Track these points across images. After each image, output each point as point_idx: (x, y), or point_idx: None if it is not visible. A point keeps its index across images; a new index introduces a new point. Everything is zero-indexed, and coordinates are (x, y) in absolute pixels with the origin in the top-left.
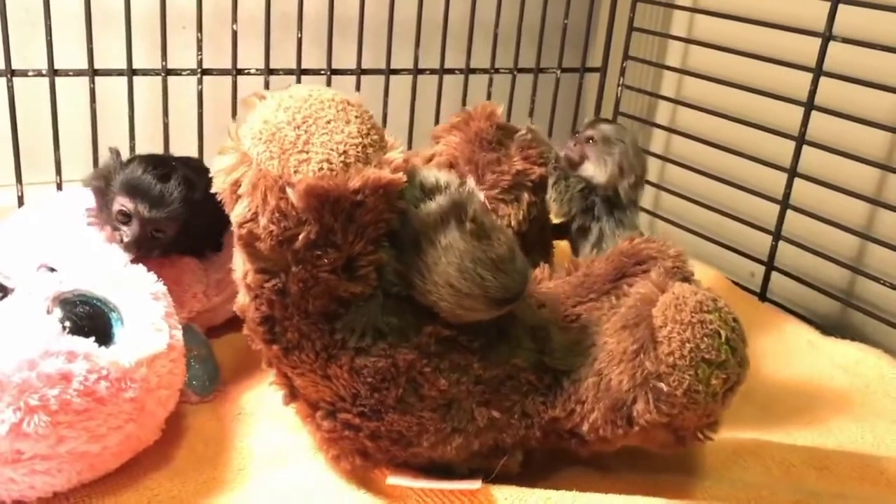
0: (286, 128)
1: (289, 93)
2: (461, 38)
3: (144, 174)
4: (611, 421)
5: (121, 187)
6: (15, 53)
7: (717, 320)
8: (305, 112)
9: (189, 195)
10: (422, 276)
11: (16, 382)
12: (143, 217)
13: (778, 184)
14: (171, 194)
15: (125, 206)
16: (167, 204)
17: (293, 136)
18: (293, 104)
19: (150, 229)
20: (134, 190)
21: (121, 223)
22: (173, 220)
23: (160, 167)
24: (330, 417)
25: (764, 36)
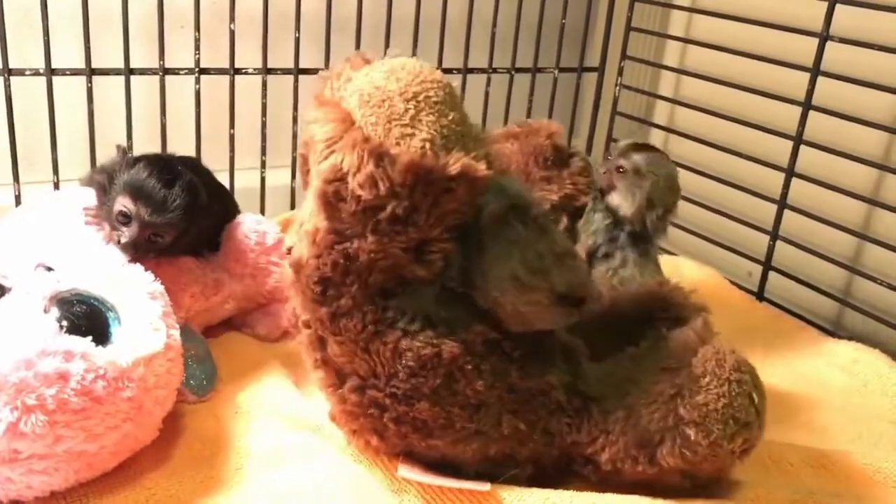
0: (396, 98)
1: (401, 63)
2: (459, 37)
3: (149, 177)
4: (632, 457)
5: (124, 188)
6: (12, 52)
7: (749, 382)
8: (416, 87)
9: (192, 203)
10: (484, 274)
11: (13, 382)
12: (143, 220)
13: (775, 183)
14: (174, 201)
15: (126, 207)
16: (169, 210)
17: (402, 108)
18: (405, 77)
19: (148, 233)
20: (137, 192)
21: (120, 223)
22: (173, 226)
23: (166, 171)
24: (358, 392)
25: (762, 36)
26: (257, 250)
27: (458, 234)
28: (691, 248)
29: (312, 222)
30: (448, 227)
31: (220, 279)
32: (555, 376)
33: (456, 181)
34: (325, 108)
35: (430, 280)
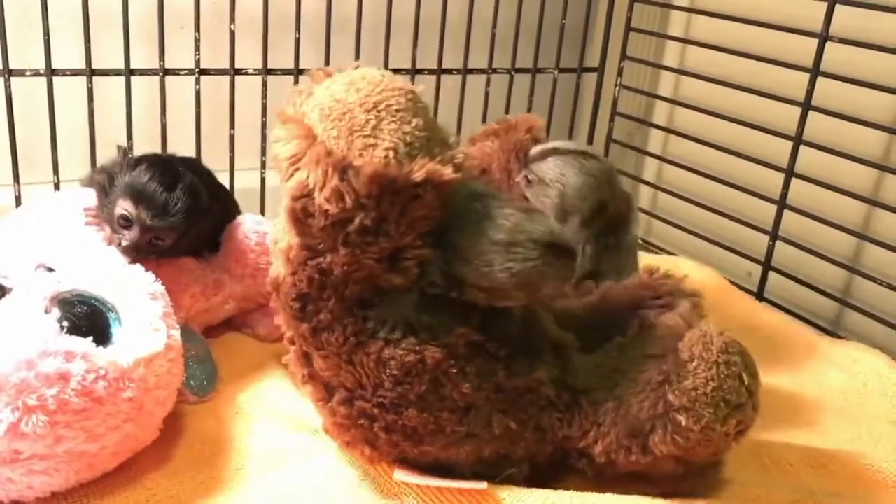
0: (357, 109)
1: (360, 74)
2: (459, 37)
3: (151, 181)
4: (625, 447)
5: (125, 191)
6: (12, 53)
7: (739, 363)
8: (377, 97)
9: (193, 205)
10: (468, 262)
11: (14, 382)
12: (144, 224)
13: (775, 184)
14: (175, 204)
15: (127, 210)
16: (170, 214)
17: (363, 119)
18: (365, 87)
19: (149, 237)
20: (138, 196)
21: (121, 227)
22: (174, 229)
23: (167, 174)
24: (347, 404)
25: (761, 36)
26: (257, 251)
27: (434, 239)
28: (691, 248)
29: (285, 240)
30: (420, 233)
31: (221, 280)
32: (543, 372)
33: (423, 187)
34: (288, 125)
35: (407, 287)
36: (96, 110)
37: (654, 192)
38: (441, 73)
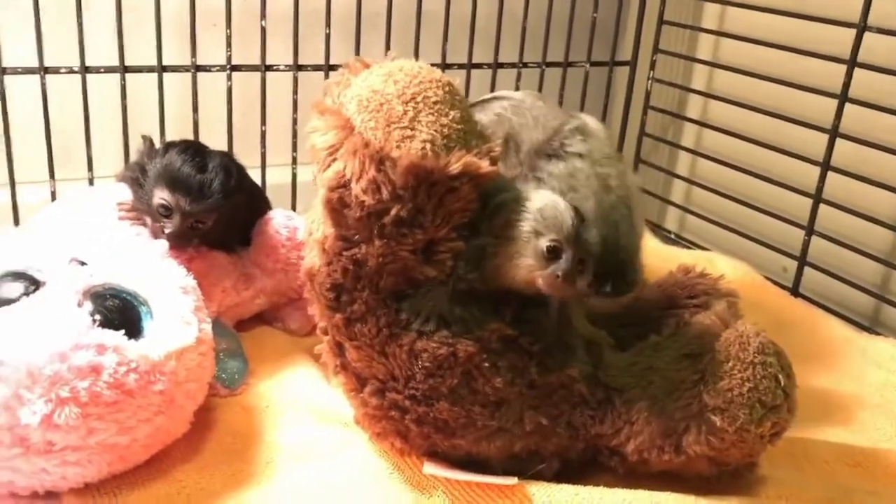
0: (395, 101)
1: (398, 65)
2: (489, 32)
3: (183, 166)
4: (658, 446)
5: (159, 180)
6: (47, 51)
7: (776, 364)
8: (415, 89)
9: (227, 184)
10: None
11: (47, 374)
12: (183, 210)
13: (811, 177)
14: (210, 185)
15: (166, 199)
16: (207, 196)
17: (400, 111)
18: (403, 78)
19: (191, 221)
20: (174, 183)
21: (162, 216)
22: (213, 210)
23: (197, 156)
24: (378, 395)
25: (797, 27)
26: (288, 245)
27: (468, 232)
28: (725, 243)
29: (321, 230)
30: (455, 226)
31: (252, 274)
32: (576, 369)
33: (459, 180)
34: (325, 116)
35: (441, 280)
36: (129, 107)
37: (687, 186)
38: (471, 67)
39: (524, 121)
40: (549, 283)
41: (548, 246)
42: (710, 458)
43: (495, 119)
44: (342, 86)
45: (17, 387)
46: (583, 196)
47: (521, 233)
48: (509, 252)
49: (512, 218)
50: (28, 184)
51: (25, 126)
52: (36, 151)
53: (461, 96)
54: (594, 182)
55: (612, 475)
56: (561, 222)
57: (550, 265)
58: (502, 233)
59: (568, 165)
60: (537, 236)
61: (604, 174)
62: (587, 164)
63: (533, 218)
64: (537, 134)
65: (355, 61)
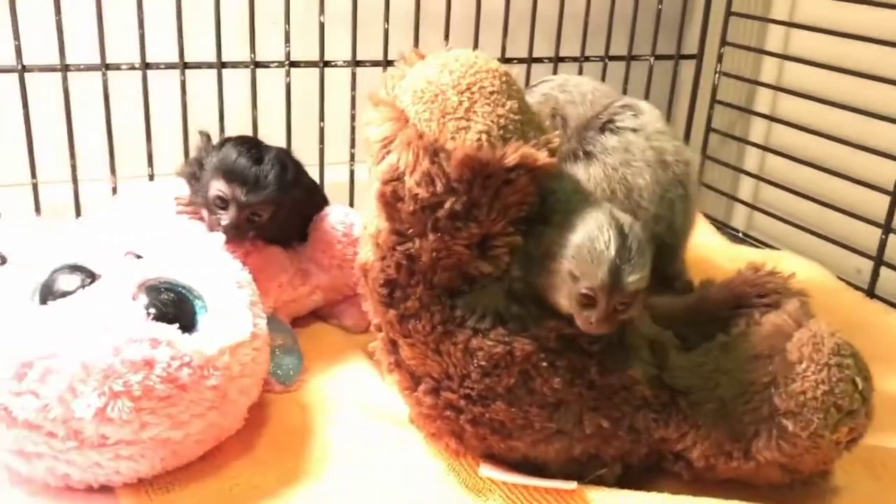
0: (450, 91)
1: (454, 56)
2: (550, 26)
3: (239, 158)
4: (726, 452)
5: (216, 172)
6: (108, 48)
7: (853, 367)
8: (470, 79)
9: (283, 176)
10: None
11: (101, 368)
12: (240, 201)
13: (887, 173)
14: (265, 177)
15: (222, 191)
16: (263, 187)
17: (455, 101)
18: (458, 68)
19: (247, 213)
20: (230, 174)
21: (218, 208)
22: (269, 202)
23: (253, 149)
24: (433, 394)
25: (871, 17)
26: (344, 242)
27: (527, 227)
28: (796, 243)
29: (375, 224)
30: (512, 219)
31: (308, 270)
32: (638, 370)
33: (515, 172)
34: (379, 108)
35: (497, 276)
36: (189, 103)
37: (756, 183)
38: (532, 61)
39: (570, 98)
40: (585, 326)
41: (582, 293)
42: (781, 465)
43: (542, 99)
44: (397, 77)
45: (72, 379)
46: (638, 170)
47: (559, 270)
48: (550, 282)
49: (553, 250)
50: (90, 181)
51: (87, 122)
52: (98, 148)
53: (518, 87)
54: (650, 155)
55: (677, 481)
56: (597, 268)
57: (585, 310)
58: (544, 262)
59: (622, 139)
60: (573, 280)
61: (659, 148)
62: (641, 138)
63: (571, 255)
64: (584, 109)
65: (411, 52)
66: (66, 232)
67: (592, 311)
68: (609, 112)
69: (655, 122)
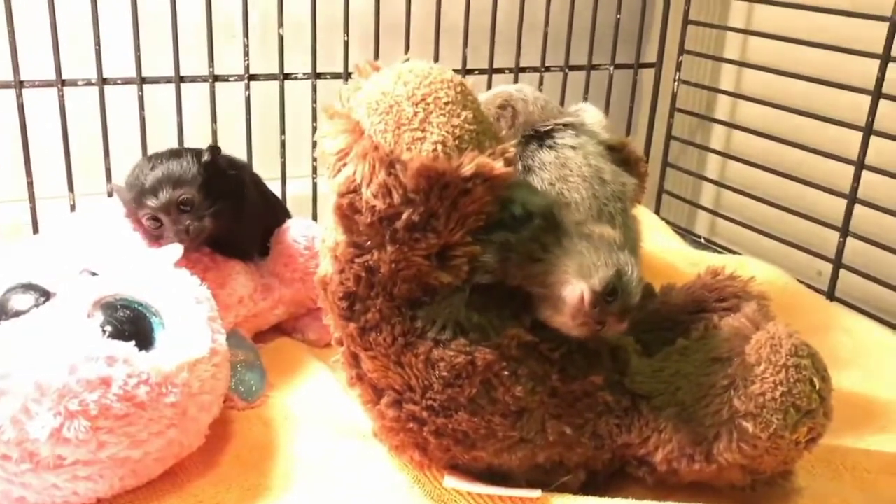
0: (405, 102)
1: (408, 67)
2: (510, 37)
3: (136, 178)
4: (688, 455)
5: (135, 203)
6: (64, 63)
7: (810, 367)
8: (425, 90)
9: (183, 160)
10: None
11: (56, 387)
12: (159, 206)
13: (845, 177)
14: (164, 174)
15: (144, 213)
16: (167, 181)
17: (410, 112)
18: (413, 79)
19: (175, 209)
20: (139, 197)
21: (156, 228)
22: (183, 185)
23: (160, 157)
24: (395, 406)
25: (827, 23)
26: (307, 255)
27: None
28: (757, 247)
29: (333, 237)
30: (471, 229)
31: (270, 284)
32: (600, 376)
33: (472, 181)
34: (335, 120)
35: (457, 286)
36: (147, 118)
37: (717, 189)
38: (493, 72)
39: (523, 95)
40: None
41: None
42: (742, 466)
43: (495, 93)
44: (352, 89)
45: (25, 400)
46: (575, 185)
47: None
48: (541, 294)
49: (548, 267)
50: (48, 199)
51: (43, 139)
52: (54, 165)
53: (474, 97)
54: (587, 171)
55: (642, 486)
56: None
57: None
58: (533, 276)
59: (560, 155)
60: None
61: (597, 167)
62: (580, 156)
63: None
64: (534, 109)
65: (366, 64)
66: (19, 249)
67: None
68: (551, 126)
69: (595, 144)
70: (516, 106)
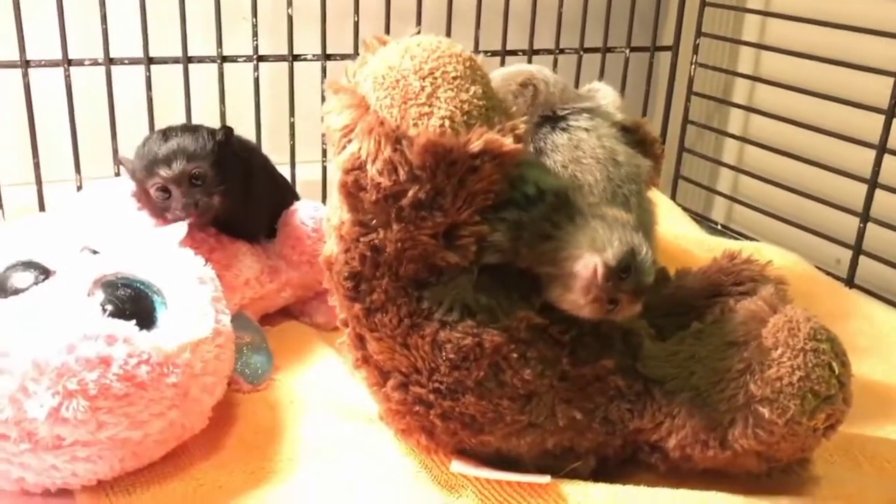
0: (411, 76)
1: (416, 40)
2: (524, 18)
3: (147, 148)
4: (702, 441)
5: (144, 173)
6: (71, 43)
7: (829, 351)
8: (433, 64)
9: (197, 135)
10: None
11: (54, 366)
12: (171, 177)
13: (865, 162)
14: (178, 145)
15: (154, 183)
16: (182, 152)
17: (417, 87)
18: (420, 53)
19: (186, 182)
20: (150, 166)
21: (164, 200)
22: (197, 159)
23: (172, 131)
24: (401, 389)
25: (848, 5)
26: (314, 237)
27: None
28: (775, 234)
29: (338, 216)
30: (479, 208)
31: (277, 266)
32: (612, 360)
33: (480, 158)
34: (340, 95)
35: (464, 267)
36: (155, 99)
37: (734, 174)
38: (506, 54)
39: (545, 77)
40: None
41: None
42: (758, 453)
43: (513, 72)
44: (358, 65)
45: (23, 379)
46: (588, 167)
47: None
48: (552, 273)
49: (560, 244)
50: (55, 182)
51: (50, 121)
52: (61, 146)
53: (483, 72)
54: (601, 153)
55: (654, 473)
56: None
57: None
58: (544, 254)
59: (572, 137)
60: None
61: (611, 149)
62: (593, 138)
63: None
64: (555, 91)
65: (372, 39)
66: (20, 228)
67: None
68: (569, 109)
69: (609, 126)
70: (538, 86)
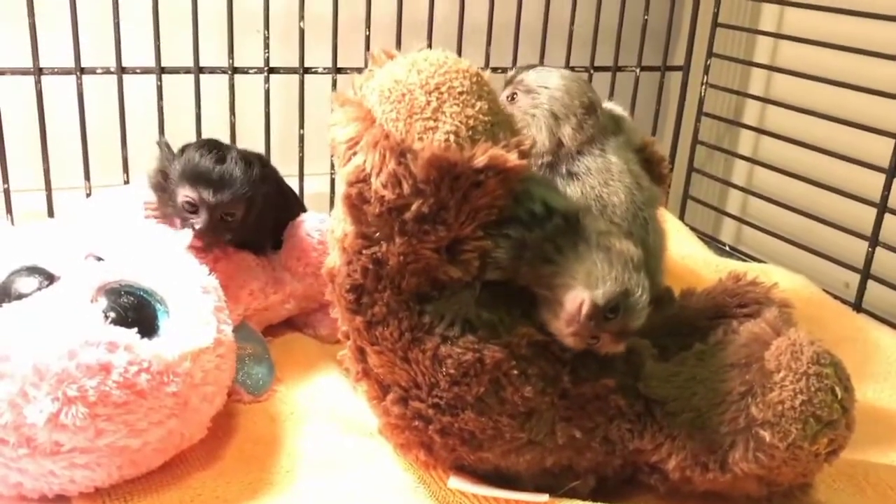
0: (417, 91)
1: (423, 55)
2: (534, 35)
3: (202, 160)
4: (702, 463)
5: (181, 178)
6: (84, 52)
7: (832, 376)
8: (439, 78)
9: (249, 172)
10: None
11: (55, 372)
12: (209, 203)
13: (874, 186)
14: (230, 175)
15: (189, 196)
16: (230, 185)
17: (423, 101)
18: (427, 68)
19: (219, 213)
20: (196, 178)
21: (189, 213)
22: (239, 200)
23: (214, 150)
24: (401, 403)
25: (860, 27)
26: (320, 249)
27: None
28: (782, 256)
29: (341, 228)
30: (482, 223)
31: (282, 278)
32: (613, 379)
33: (484, 173)
34: (345, 108)
35: (467, 281)
36: (166, 109)
37: (744, 196)
38: None
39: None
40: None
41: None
42: (759, 477)
43: (581, 86)
44: (365, 78)
45: (24, 383)
46: (615, 189)
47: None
48: (545, 296)
49: (558, 269)
50: (64, 189)
51: (61, 128)
52: (71, 154)
53: (490, 88)
54: (627, 178)
55: (653, 494)
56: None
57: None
58: (543, 277)
59: (606, 160)
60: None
61: (637, 172)
62: (622, 161)
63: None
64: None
65: (380, 52)
66: (25, 233)
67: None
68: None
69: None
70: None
